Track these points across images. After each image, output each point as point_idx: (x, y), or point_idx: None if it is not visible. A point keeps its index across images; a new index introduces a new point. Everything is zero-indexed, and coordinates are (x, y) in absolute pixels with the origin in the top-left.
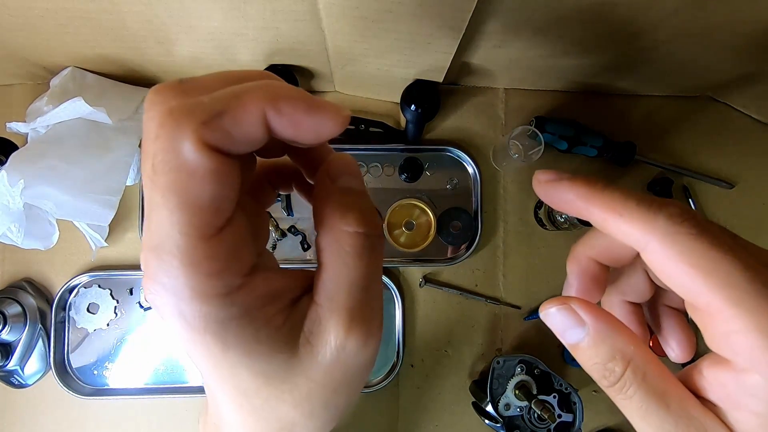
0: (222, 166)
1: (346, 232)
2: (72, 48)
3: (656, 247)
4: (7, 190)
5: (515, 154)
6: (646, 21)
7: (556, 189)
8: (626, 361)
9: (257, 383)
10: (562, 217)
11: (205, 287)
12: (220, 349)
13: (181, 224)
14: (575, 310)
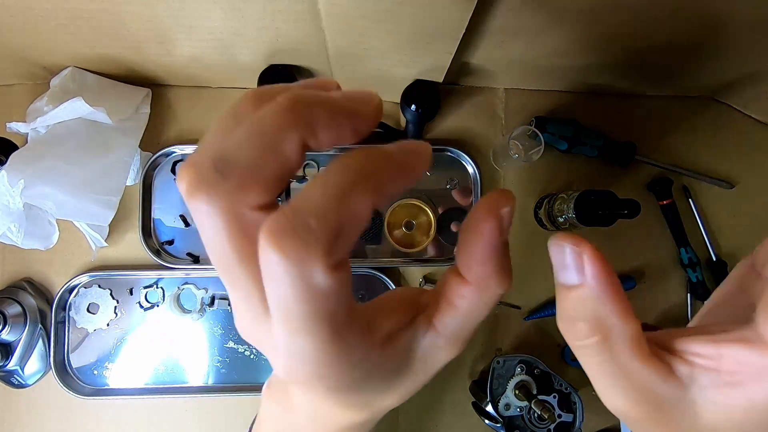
0: (345, 273)
1: (496, 294)
2: (72, 48)
3: None
4: (7, 190)
5: (515, 154)
6: (646, 21)
7: None
8: (599, 331)
9: (373, 395)
10: (562, 217)
11: (350, 376)
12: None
13: (323, 338)
14: (583, 257)
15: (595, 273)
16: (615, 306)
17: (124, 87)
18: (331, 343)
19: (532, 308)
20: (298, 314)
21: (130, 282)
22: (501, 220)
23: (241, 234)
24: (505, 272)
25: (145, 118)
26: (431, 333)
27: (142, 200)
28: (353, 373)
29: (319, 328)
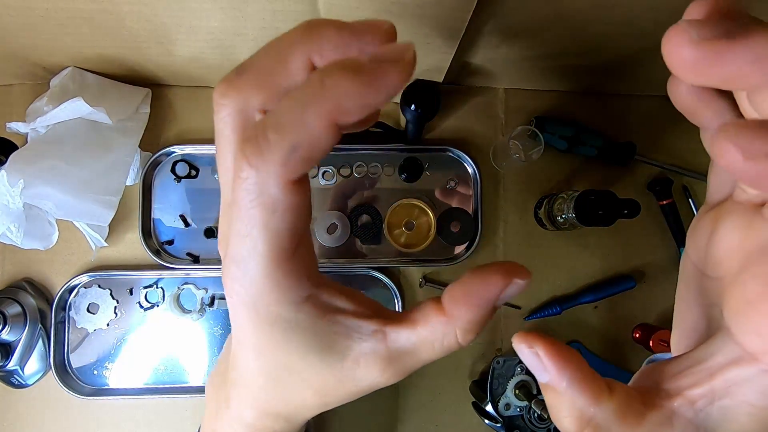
0: (300, 197)
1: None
2: (72, 48)
3: None
4: (7, 190)
5: (515, 154)
6: (646, 21)
7: None
8: (585, 422)
9: (299, 365)
10: (562, 217)
11: (279, 297)
12: (282, 337)
13: (262, 253)
14: (540, 356)
15: (556, 367)
16: (587, 394)
17: (124, 87)
18: (270, 260)
19: (532, 308)
20: (247, 218)
21: (130, 282)
22: (510, 285)
23: (240, 127)
24: (476, 328)
25: (145, 118)
26: (378, 337)
27: (142, 200)
28: (281, 316)
29: (263, 238)
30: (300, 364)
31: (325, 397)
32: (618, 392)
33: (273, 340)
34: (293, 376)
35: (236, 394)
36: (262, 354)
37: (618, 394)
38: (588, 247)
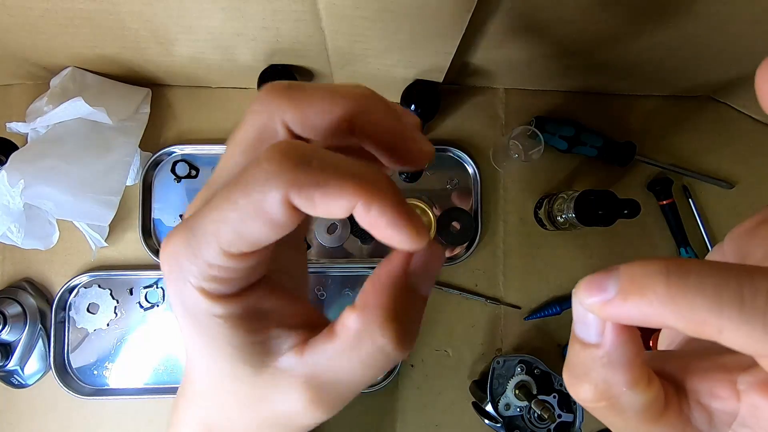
0: (289, 222)
1: (378, 341)
2: (72, 48)
3: None
4: (7, 190)
5: (515, 154)
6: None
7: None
8: (606, 398)
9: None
10: (562, 217)
11: (206, 285)
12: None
13: (222, 240)
14: (606, 324)
15: (616, 339)
16: (628, 374)
17: (124, 87)
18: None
19: (532, 308)
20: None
21: (130, 282)
22: (412, 256)
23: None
24: (396, 322)
25: (145, 118)
26: (296, 352)
27: (142, 200)
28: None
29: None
30: (223, 370)
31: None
32: (655, 386)
33: (196, 338)
34: (223, 383)
35: (182, 402)
36: (192, 354)
37: (654, 388)
38: (588, 247)
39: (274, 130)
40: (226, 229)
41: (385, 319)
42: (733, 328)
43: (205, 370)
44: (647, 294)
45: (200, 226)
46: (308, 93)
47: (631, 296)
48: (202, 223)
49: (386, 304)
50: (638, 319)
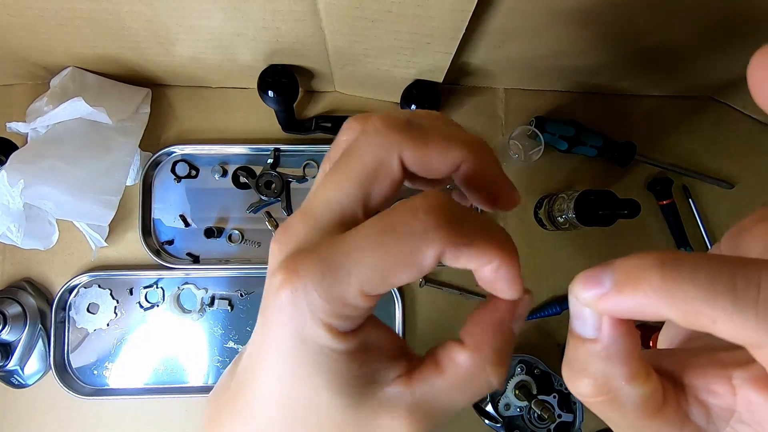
0: (431, 270)
1: (486, 381)
2: (72, 48)
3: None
4: (7, 190)
5: (515, 154)
6: (645, 21)
7: (615, 302)
8: (606, 392)
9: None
10: (562, 217)
11: (333, 322)
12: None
13: (369, 282)
14: (603, 318)
15: (613, 333)
16: (626, 368)
17: (124, 87)
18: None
19: (532, 308)
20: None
21: (130, 282)
22: (520, 304)
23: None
24: (504, 359)
25: (145, 118)
26: (402, 383)
27: (142, 200)
28: (320, 342)
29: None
30: (322, 402)
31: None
32: (653, 380)
33: (302, 368)
34: (310, 415)
35: (240, 423)
36: (282, 382)
37: (652, 382)
38: (588, 248)
39: (391, 166)
40: (371, 272)
41: (495, 360)
42: (726, 318)
43: (287, 398)
44: (642, 286)
45: (341, 265)
46: (429, 135)
47: (627, 289)
48: (344, 262)
49: (497, 346)
50: (634, 312)
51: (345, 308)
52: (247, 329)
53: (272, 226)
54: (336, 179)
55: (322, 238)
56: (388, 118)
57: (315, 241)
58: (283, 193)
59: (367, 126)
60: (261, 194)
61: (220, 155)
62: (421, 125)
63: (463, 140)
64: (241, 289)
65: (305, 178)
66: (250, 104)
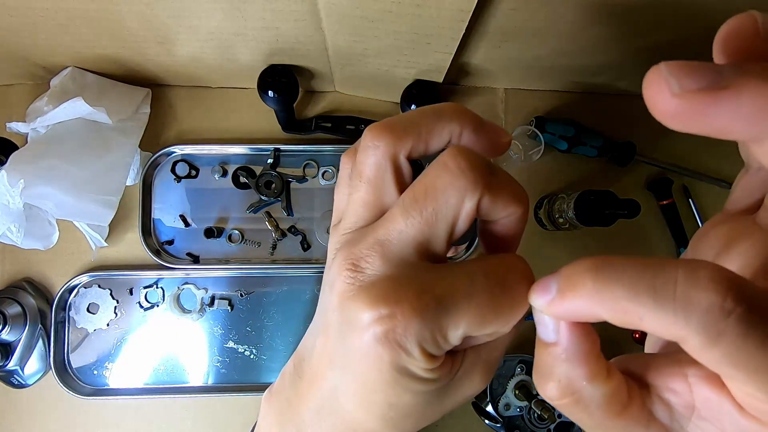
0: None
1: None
2: (72, 48)
3: (695, 347)
4: (7, 190)
5: (515, 154)
6: (645, 21)
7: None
8: (570, 393)
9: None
10: (562, 217)
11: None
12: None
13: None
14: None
15: (569, 335)
16: (586, 368)
17: (124, 87)
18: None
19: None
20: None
21: (130, 282)
22: None
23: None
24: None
25: (145, 118)
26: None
27: (142, 200)
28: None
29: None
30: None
31: (424, 421)
32: (614, 379)
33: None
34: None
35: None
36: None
37: (613, 381)
38: (588, 248)
39: (473, 210)
40: (478, 320)
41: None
42: (650, 314)
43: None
44: (579, 290)
45: (453, 306)
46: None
47: (567, 293)
48: (456, 304)
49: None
50: (577, 314)
51: (445, 344)
52: (247, 329)
53: (272, 226)
54: (423, 216)
55: (409, 270)
56: (474, 159)
57: (405, 275)
58: (283, 193)
59: (452, 162)
60: (261, 194)
61: (220, 155)
62: (498, 173)
63: (518, 196)
64: (241, 289)
65: (305, 178)
66: (250, 104)
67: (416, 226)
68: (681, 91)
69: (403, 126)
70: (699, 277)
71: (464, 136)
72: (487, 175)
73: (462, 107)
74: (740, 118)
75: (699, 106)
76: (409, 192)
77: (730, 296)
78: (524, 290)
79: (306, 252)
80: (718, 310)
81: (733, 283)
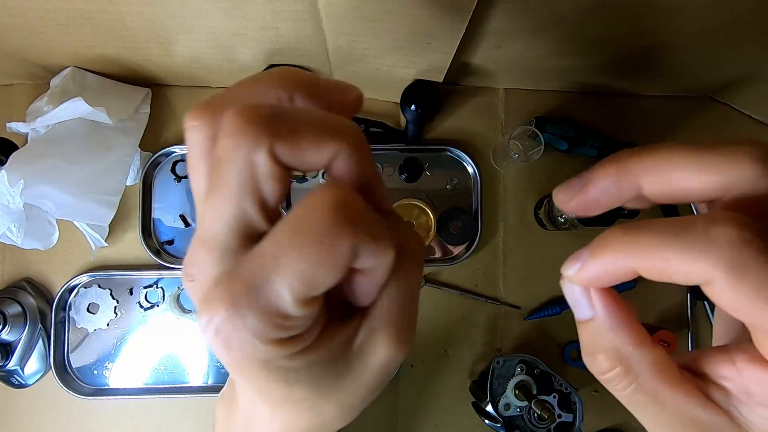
0: (352, 261)
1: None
2: (72, 48)
3: (722, 285)
4: (7, 190)
5: (515, 154)
6: (646, 22)
7: (593, 268)
8: (618, 361)
9: (309, 394)
10: (562, 217)
11: (285, 335)
12: (281, 377)
13: (295, 291)
14: (591, 292)
15: (604, 304)
16: (629, 335)
17: (124, 87)
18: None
19: (532, 308)
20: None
21: (130, 282)
22: None
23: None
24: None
25: (145, 118)
26: (367, 320)
27: (142, 200)
28: (290, 358)
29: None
30: (307, 392)
31: (351, 401)
32: (660, 350)
33: (267, 382)
34: (306, 402)
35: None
36: (267, 396)
37: (659, 351)
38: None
39: (268, 166)
40: (298, 279)
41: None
42: (676, 255)
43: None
44: (610, 246)
45: (266, 280)
46: (299, 126)
47: (599, 252)
48: (268, 276)
49: None
50: (610, 272)
51: (288, 321)
52: None
53: None
54: (221, 193)
55: (232, 259)
56: (247, 112)
57: (229, 265)
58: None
59: (224, 126)
60: None
61: None
62: (288, 116)
63: (336, 130)
64: None
65: (305, 178)
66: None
67: (221, 208)
68: (570, 197)
69: (218, 101)
70: (718, 216)
71: (297, 101)
72: (273, 121)
73: (291, 69)
74: (599, 195)
75: (582, 202)
76: (206, 175)
77: (748, 229)
78: (333, 215)
79: None
80: (739, 240)
81: (749, 221)
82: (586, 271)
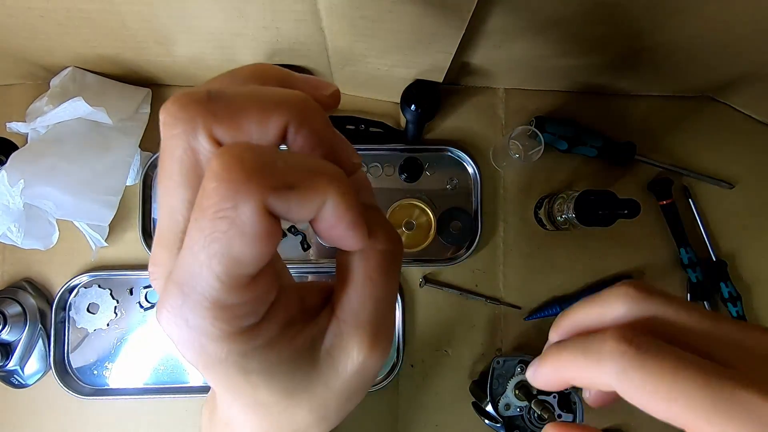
0: (274, 229)
1: (375, 251)
2: (72, 48)
3: (619, 390)
4: (7, 190)
5: (515, 154)
6: (646, 22)
7: (541, 379)
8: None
9: (277, 397)
10: (562, 217)
11: (231, 328)
12: (241, 375)
13: (218, 274)
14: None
15: None
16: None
17: (124, 87)
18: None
19: (532, 308)
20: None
21: (130, 282)
22: None
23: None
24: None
25: (146, 118)
26: (335, 321)
27: (142, 200)
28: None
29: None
30: (274, 395)
31: (318, 409)
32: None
33: (229, 378)
34: (277, 406)
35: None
36: (237, 398)
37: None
38: (588, 248)
39: (206, 151)
40: (217, 264)
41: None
42: (583, 374)
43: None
44: (545, 362)
45: (192, 274)
46: (237, 104)
47: (541, 365)
48: (192, 269)
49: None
50: (550, 382)
51: (231, 310)
52: None
53: None
54: (165, 186)
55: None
56: (181, 97)
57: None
58: None
59: (160, 116)
60: None
61: None
62: (225, 95)
63: (280, 101)
64: None
65: None
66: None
67: (166, 202)
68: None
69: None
70: (605, 335)
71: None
72: (208, 103)
73: (265, 65)
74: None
75: (547, 379)
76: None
77: (624, 342)
78: (222, 183)
79: (306, 252)
80: (619, 353)
81: (627, 335)
82: (537, 377)
